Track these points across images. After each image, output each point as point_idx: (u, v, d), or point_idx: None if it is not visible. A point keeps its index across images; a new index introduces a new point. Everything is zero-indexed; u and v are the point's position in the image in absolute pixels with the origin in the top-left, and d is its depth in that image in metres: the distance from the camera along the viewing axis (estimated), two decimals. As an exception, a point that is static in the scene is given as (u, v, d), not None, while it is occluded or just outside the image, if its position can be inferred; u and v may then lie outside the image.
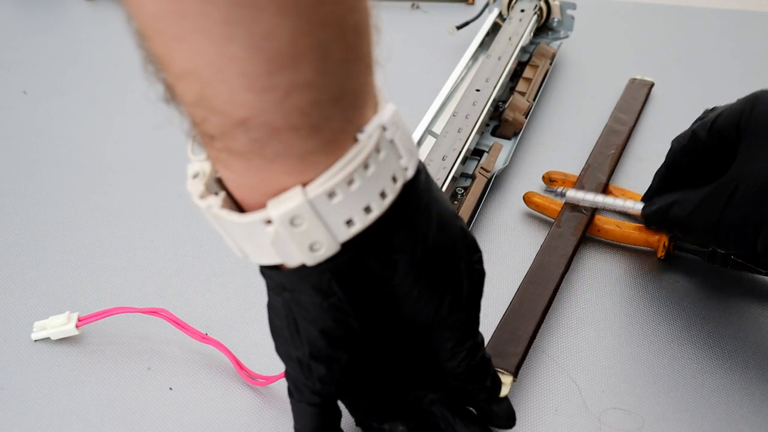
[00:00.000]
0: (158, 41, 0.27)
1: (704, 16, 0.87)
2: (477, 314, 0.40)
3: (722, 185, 0.45)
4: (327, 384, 0.37)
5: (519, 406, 0.45)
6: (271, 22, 0.26)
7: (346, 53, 0.28)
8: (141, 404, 0.47)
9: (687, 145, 0.49)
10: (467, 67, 0.71)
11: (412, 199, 0.34)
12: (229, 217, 0.31)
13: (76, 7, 0.90)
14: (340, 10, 0.27)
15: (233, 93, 0.27)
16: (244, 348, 0.48)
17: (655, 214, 0.51)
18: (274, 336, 0.37)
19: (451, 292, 0.37)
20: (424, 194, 0.35)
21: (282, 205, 0.30)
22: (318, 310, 0.34)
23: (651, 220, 0.52)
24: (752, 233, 0.44)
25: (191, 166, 0.33)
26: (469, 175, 0.61)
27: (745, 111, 0.46)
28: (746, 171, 0.44)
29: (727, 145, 0.47)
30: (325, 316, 0.34)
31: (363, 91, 0.31)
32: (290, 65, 0.27)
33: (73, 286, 0.54)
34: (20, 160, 0.67)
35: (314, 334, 0.35)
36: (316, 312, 0.34)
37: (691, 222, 0.47)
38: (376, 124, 0.31)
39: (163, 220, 0.60)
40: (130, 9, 0.27)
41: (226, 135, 0.29)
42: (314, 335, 0.35)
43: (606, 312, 0.52)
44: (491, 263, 0.56)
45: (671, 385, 0.47)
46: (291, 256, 0.32)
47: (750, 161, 0.44)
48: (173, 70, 0.28)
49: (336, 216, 0.31)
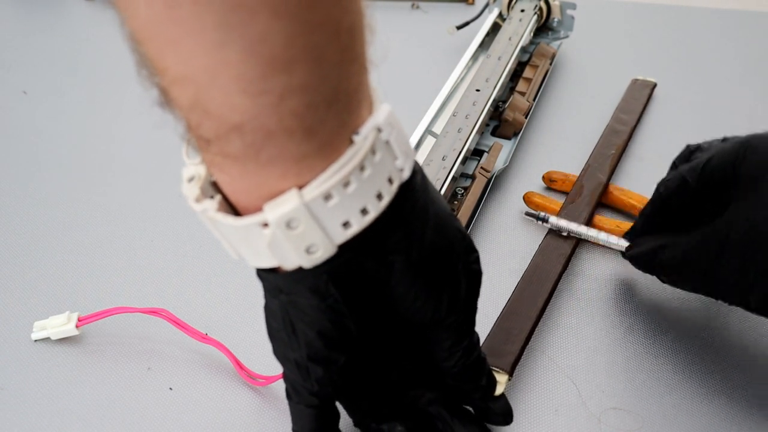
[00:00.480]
0: (152, 46, 0.27)
1: (704, 16, 0.87)
2: (473, 314, 0.40)
3: (714, 233, 0.43)
4: (325, 385, 0.37)
5: (518, 406, 0.45)
6: (266, 25, 0.26)
7: (341, 55, 0.28)
8: (141, 404, 0.47)
9: (676, 189, 0.47)
10: (467, 67, 0.71)
11: (408, 200, 0.34)
12: (225, 220, 0.31)
13: (76, 7, 0.90)
14: (335, 12, 0.27)
15: (228, 97, 0.27)
16: (244, 348, 0.48)
17: (642, 256, 0.49)
18: (272, 338, 0.37)
19: (448, 293, 0.37)
20: (421, 195, 0.34)
21: (278, 208, 0.30)
22: (315, 312, 0.34)
23: (636, 262, 0.50)
24: (745, 288, 0.42)
25: (186, 170, 0.33)
26: (469, 175, 0.61)
27: (739, 156, 0.43)
28: (739, 220, 0.42)
29: (717, 189, 0.44)
30: (323, 318, 0.34)
31: (358, 93, 0.30)
32: (285, 68, 0.27)
33: (73, 286, 0.54)
34: (20, 160, 0.67)
35: (311, 336, 0.35)
36: (313, 314, 0.34)
37: (680, 270, 0.45)
38: (371, 125, 0.31)
39: (163, 220, 0.60)
40: (123, 14, 0.27)
41: (221, 139, 0.29)
42: (311, 337, 0.35)
43: (605, 312, 0.52)
44: (490, 263, 0.56)
45: (671, 385, 0.47)
46: (288, 259, 0.32)
47: (742, 210, 0.42)
48: (167, 74, 0.28)
49: (332, 218, 0.31)
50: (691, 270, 0.45)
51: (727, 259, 0.42)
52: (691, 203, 0.46)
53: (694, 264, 0.44)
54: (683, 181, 0.46)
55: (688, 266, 0.45)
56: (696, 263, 0.44)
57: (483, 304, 0.40)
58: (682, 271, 0.45)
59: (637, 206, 0.59)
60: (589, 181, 0.60)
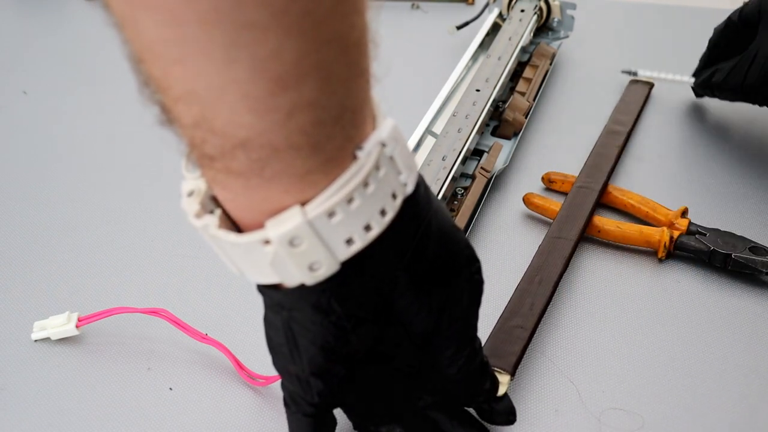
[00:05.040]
0: (157, 65, 0.26)
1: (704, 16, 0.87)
2: (475, 323, 0.39)
3: (745, 55, 0.61)
4: (325, 397, 0.37)
5: (518, 406, 0.45)
6: (276, 43, 0.25)
7: (348, 70, 0.28)
8: (141, 404, 0.47)
9: (724, 29, 0.64)
10: (467, 67, 0.71)
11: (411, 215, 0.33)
12: (227, 237, 0.31)
13: (76, 7, 0.90)
14: (343, 28, 0.27)
15: (234, 115, 0.27)
16: (244, 348, 0.48)
17: (702, 82, 0.66)
18: (272, 351, 0.37)
19: (450, 304, 0.37)
20: (424, 208, 0.34)
21: (281, 226, 0.30)
22: (318, 328, 0.34)
23: (698, 86, 0.67)
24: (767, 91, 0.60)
25: (186, 184, 0.32)
26: (469, 175, 0.61)
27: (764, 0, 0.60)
28: (764, 42, 0.59)
29: (751, 25, 0.61)
30: (326, 334, 0.34)
31: (363, 108, 0.30)
32: (293, 85, 0.26)
33: (73, 286, 0.54)
34: (20, 160, 0.67)
35: (314, 352, 0.35)
36: (316, 330, 0.34)
37: (725, 84, 0.63)
38: (375, 140, 0.30)
39: (163, 220, 0.60)
40: (127, 34, 0.27)
41: (225, 156, 0.28)
42: (314, 353, 0.35)
43: (606, 312, 0.52)
44: (491, 263, 0.56)
45: (671, 385, 0.47)
46: (290, 276, 0.31)
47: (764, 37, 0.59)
48: (172, 92, 0.27)
49: (336, 235, 0.30)
50: (731, 84, 0.62)
51: (755, 70, 0.59)
52: (734, 38, 0.63)
53: (733, 78, 0.62)
54: (729, 22, 0.64)
55: (729, 81, 0.62)
56: (735, 77, 0.61)
57: (483, 305, 0.40)
58: (725, 86, 0.63)
59: (636, 206, 0.59)
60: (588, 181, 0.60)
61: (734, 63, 0.62)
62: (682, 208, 0.57)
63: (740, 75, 0.61)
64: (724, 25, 0.65)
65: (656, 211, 0.58)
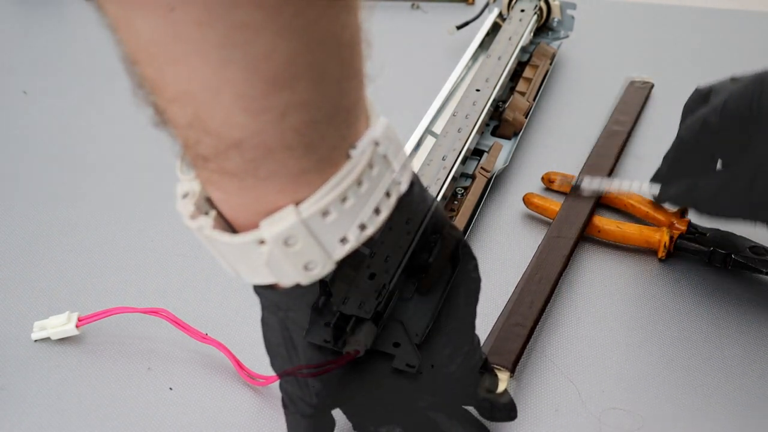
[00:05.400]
0: (151, 66, 0.27)
1: (704, 16, 0.87)
2: (473, 320, 0.39)
3: (746, 163, 0.47)
4: (323, 398, 0.37)
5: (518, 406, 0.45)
6: (270, 43, 0.25)
7: (341, 70, 0.28)
8: (141, 404, 0.47)
9: (699, 131, 0.50)
10: (467, 67, 0.71)
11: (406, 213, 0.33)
12: (221, 238, 0.31)
13: (76, 7, 0.90)
14: (336, 28, 0.27)
15: (229, 115, 0.27)
16: (244, 348, 0.48)
17: (678, 196, 0.53)
18: (270, 352, 0.37)
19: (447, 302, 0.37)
20: (418, 206, 0.34)
21: (275, 225, 0.30)
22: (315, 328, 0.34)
23: (674, 202, 0.55)
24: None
25: (180, 186, 0.32)
26: (469, 175, 0.61)
27: (755, 93, 0.46)
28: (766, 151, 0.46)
29: (739, 126, 0.47)
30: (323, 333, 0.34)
31: (356, 107, 0.30)
32: (287, 86, 0.27)
33: (73, 286, 0.54)
34: (20, 160, 0.67)
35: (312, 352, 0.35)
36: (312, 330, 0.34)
37: (716, 201, 0.50)
38: (368, 139, 0.31)
39: (163, 220, 0.60)
40: (122, 35, 0.27)
41: (219, 156, 0.28)
42: (311, 353, 0.35)
43: (606, 312, 0.52)
44: (490, 263, 0.56)
45: (671, 385, 0.47)
46: (286, 276, 0.31)
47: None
48: (166, 93, 0.27)
49: (330, 234, 0.30)
50: (728, 199, 0.49)
51: (761, 184, 0.46)
52: (714, 142, 0.49)
53: (730, 196, 0.48)
54: (705, 123, 0.49)
55: (724, 196, 0.49)
56: (732, 192, 0.48)
57: (483, 304, 0.40)
58: (718, 202, 0.49)
59: (636, 206, 0.59)
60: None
61: (726, 174, 0.49)
62: (682, 208, 0.57)
63: (740, 192, 0.47)
64: (699, 125, 0.50)
65: (656, 211, 0.58)
